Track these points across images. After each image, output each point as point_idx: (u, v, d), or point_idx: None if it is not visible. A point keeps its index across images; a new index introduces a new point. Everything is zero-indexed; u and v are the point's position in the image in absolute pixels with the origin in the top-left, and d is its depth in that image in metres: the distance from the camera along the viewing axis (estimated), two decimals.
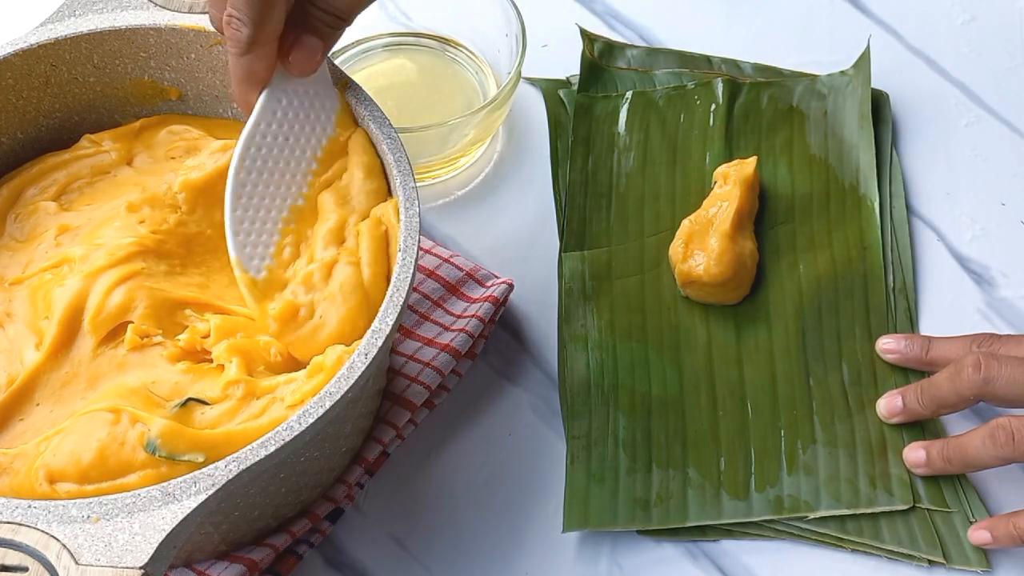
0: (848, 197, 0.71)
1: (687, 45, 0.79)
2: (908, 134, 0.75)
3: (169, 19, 0.59)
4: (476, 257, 0.69)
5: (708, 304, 0.67)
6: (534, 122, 0.76)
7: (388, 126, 0.56)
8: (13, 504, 0.44)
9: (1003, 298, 0.68)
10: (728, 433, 0.62)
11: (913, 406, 0.61)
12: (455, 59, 0.76)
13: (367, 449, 0.60)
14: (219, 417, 0.50)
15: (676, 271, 0.67)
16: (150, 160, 0.61)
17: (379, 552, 0.59)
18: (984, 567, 0.58)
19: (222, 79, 0.61)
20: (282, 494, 0.55)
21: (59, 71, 0.59)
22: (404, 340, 0.63)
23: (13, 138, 0.60)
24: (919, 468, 0.60)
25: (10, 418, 0.51)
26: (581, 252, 0.69)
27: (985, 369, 0.57)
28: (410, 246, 0.51)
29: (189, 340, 0.53)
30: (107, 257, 0.54)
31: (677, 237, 0.67)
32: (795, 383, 0.64)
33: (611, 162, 0.73)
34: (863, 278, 0.68)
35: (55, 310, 0.52)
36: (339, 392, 0.47)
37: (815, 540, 0.59)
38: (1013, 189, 0.72)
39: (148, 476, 0.47)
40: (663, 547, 0.59)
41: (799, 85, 0.76)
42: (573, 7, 0.81)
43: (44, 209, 0.58)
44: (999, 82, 0.77)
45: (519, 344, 0.66)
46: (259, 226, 0.54)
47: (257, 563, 0.56)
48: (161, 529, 0.44)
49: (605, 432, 0.62)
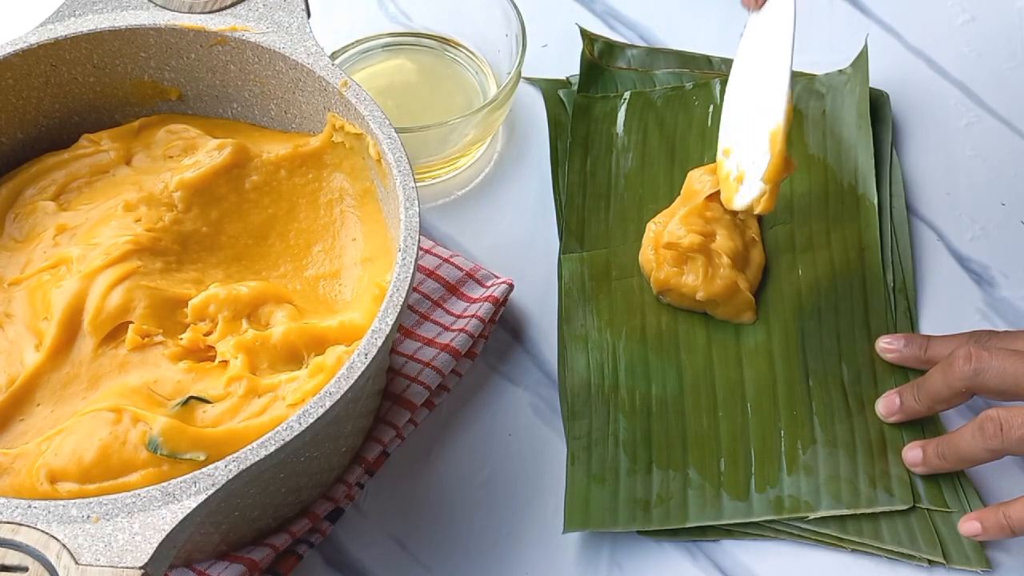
0: (847, 197, 0.71)
1: (687, 45, 0.79)
2: (908, 134, 0.75)
3: (169, 19, 0.59)
4: (476, 257, 0.69)
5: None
6: (534, 122, 0.76)
7: (388, 126, 0.56)
8: (13, 504, 0.44)
9: (1003, 298, 0.68)
10: (728, 433, 0.62)
11: (910, 404, 0.61)
12: (455, 59, 0.76)
13: (367, 449, 0.60)
14: (221, 415, 0.50)
15: (652, 279, 0.67)
16: (148, 159, 0.61)
17: (379, 552, 0.59)
18: (984, 567, 0.58)
19: (222, 79, 0.61)
20: (282, 494, 0.55)
21: (59, 71, 0.59)
22: (404, 340, 0.64)
23: (13, 138, 0.60)
24: (916, 467, 0.60)
25: (11, 418, 0.51)
26: (580, 253, 0.69)
27: (976, 360, 0.57)
28: (410, 246, 0.51)
29: (191, 339, 0.53)
30: (103, 257, 0.54)
31: (645, 244, 0.67)
32: (795, 383, 0.64)
33: (609, 163, 0.73)
34: (862, 278, 0.68)
35: (54, 311, 0.53)
36: (339, 392, 0.47)
37: (815, 540, 0.59)
38: (1013, 189, 0.72)
39: (149, 475, 0.48)
40: (663, 547, 0.59)
41: (797, 85, 0.76)
42: (573, 7, 0.81)
43: (43, 209, 0.58)
44: (999, 82, 0.77)
45: (519, 344, 0.66)
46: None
47: (257, 563, 0.56)
48: (161, 529, 0.44)
49: (605, 432, 0.62)
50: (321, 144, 0.59)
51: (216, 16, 0.59)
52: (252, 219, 0.59)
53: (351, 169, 0.59)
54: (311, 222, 0.59)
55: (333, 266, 0.58)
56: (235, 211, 0.59)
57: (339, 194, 0.60)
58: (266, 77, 0.60)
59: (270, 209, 0.59)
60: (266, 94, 0.61)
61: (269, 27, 0.59)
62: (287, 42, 0.58)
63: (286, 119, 0.61)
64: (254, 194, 0.59)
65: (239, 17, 0.59)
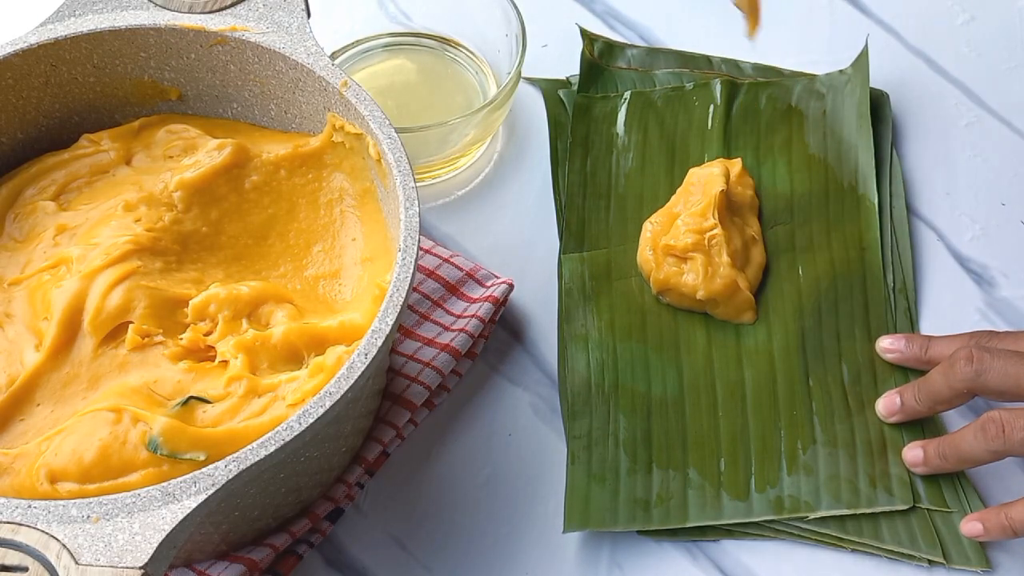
0: (847, 197, 0.71)
1: (687, 45, 0.79)
2: (908, 134, 0.75)
3: (169, 19, 0.59)
4: (476, 257, 0.69)
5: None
6: (534, 122, 0.76)
7: (388, 126, 0.56)
8: (13, 504, 0.44)
9: (1003, 298, 0.68)
10: (728, 433, 0.62)
11: (910, 404, 0.61)
12: (455, 59, 0.76)
13: (367, 449, 0.60)
14: (221, 415, 0.50)
15: (651, 279, 0.67)
16: (148, 159, 0.61)
17: (379, 552, 0.59)
18: (984, 567, 0.58)
19: (222, 79, 0.61)
20: (282, 494, 0.55)
21: (59, 71, 0.59)
22: (404, 340, 0.63)
23: (13, 138, 0.60)
24: (917, 467, 0.60)
25: (11, 418, 0.51)
26: (580, 254, 0.69)
27: (977, 361, 0.57)
28: (410, 246, 0.51)
29: (191, 339, 0.53)
30: (103, 257, 0.54)
31: (642, 244, 0.67)
32: (795, 383, 0.64)
33: (609, 163, 0.73)
34: (863, 278, 0.68)
35: (54, 311, 0.53)
36: (339, 392, 0.47)
37: (815, 540, 0.59)
38: (1013, 189, 0.72)
39: (149, 475, 0.48)
40: (663, 547, 0.59)
41: (797, 85, 0.76)
42: (573, 7, 0.81)
43: (43, 209, 0.58)
44: (999, 82, 0.77)
45: (519, 344, 0.66)
46: None
47: (257, 563, 0.56)
48: (161, 529, 0.44)
49: (605, 432, 0.62)
50: (321, 144, 0.59)
51: (216, 16, 0.59)
52: (252, 219, 0.59)
53: (351, 169, 0.59)
54: (311, 222, 0.59)
55: (333, 266, 0.58)
56: (235, 211, 0.59)
57: (339, 194, 0.60)
58: (266, 77, 0.60)
59: (270, 209, 0.59)
60: (266, 94, 0.61)
61: (269, 27, 0.59)
62: (287, 42, 0.58)
63: (286, 119, 0.61)
64: (254, 194, 0.59)
65: (239, 17, 0.59)
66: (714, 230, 0.64)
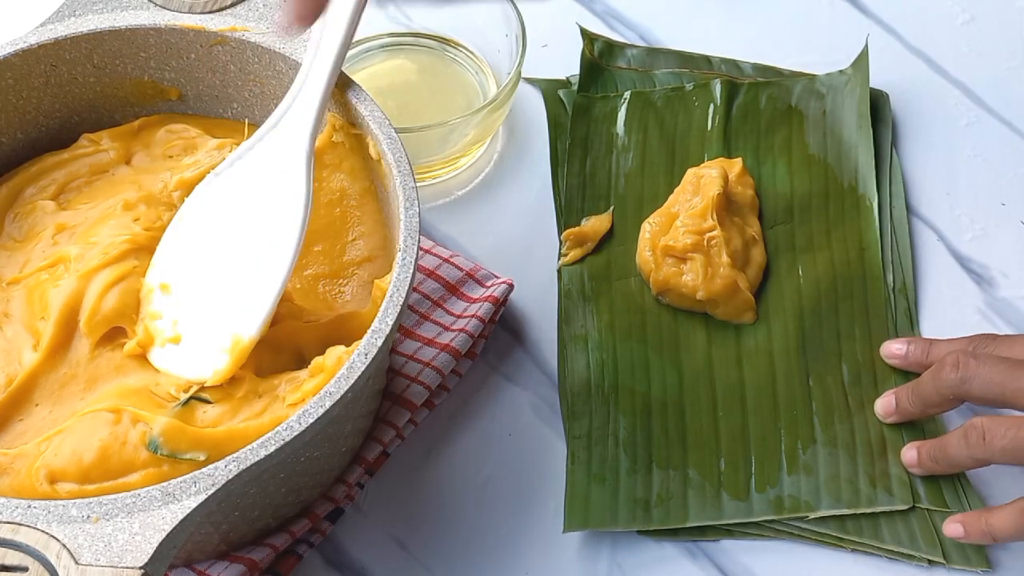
0: (847, 197, 0.71)
1: (687, 45, 0.79)
2: (908, 134, 0.75)
3: (169, 19, 0.59)
4: (476, 257, 0.69)
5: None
6: (534, 122, 0.76)
7: (388, 126, 0.56)
8: (13, 504, 0.44)
9: (1003, 298, 0.68)
10: (728, 433, 0.62)
11: (904, 406, 0.61)
12: (455, 59, 0.76)
13: (367, 449, 0.60)
14: (221, 415, 0.50)
15: (651, 280, 0.67)
16: (148, 159, 0.61)
17: (379, 552, 0.59)
18: (984, 567, 0.58)
19: (222, 79, 0.61)
20: (282, 494, 0.55)
21: (59, 71, 0.59)
22: (404, 340, 0.63)
23: (13, 138, 0.60)
24: (913, 468, 0.60)
25: (10, 418, 0.51)
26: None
27: (963, 368, 0.56)
28: (410, 246, 0.51)
29: None
30: (101, 256, 0.54)
31: (641, 245, 0.67)
32: (795, 383, 0.64)
33: (609, 163, 0.73)
34: (862, 278, 0.68)
35: (51, 311, 0.52)
36: (339, 392, 0.47)
37: (815, 540, 0.59)
38: (1013, 189, 0.72)
39: (149, 475, 0.47)
40: (663, 547, 0.59)
41: (797, 85, 0.76)
42: (573, 7, 0.81)
43: (42, 208, 0.58)
44: (999, 82, 0.77)
45: (519, 344, 0.66)
46: None
47: (257, 563, 0.56)
48: (161, 529, 0.44)
49: (605, 432, 0.62)
50: (321, 144, 0.59)
51: (216, 16, 0.59)
52: None
53: (351, 169, 0.59)
54: (311, 222, 0.59)
55: (333, 266, 0.58)
56: None
57: (339, 194, 0.59)
58: (266, 77, 0.60)
59: None
60: (266, 94, 0.61)
61: (269, 27, 0.59)
62: (287, 42, 0.58)
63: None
64: None
65: (239, 17, 0.59)
66: (713, 231, 0.65)
